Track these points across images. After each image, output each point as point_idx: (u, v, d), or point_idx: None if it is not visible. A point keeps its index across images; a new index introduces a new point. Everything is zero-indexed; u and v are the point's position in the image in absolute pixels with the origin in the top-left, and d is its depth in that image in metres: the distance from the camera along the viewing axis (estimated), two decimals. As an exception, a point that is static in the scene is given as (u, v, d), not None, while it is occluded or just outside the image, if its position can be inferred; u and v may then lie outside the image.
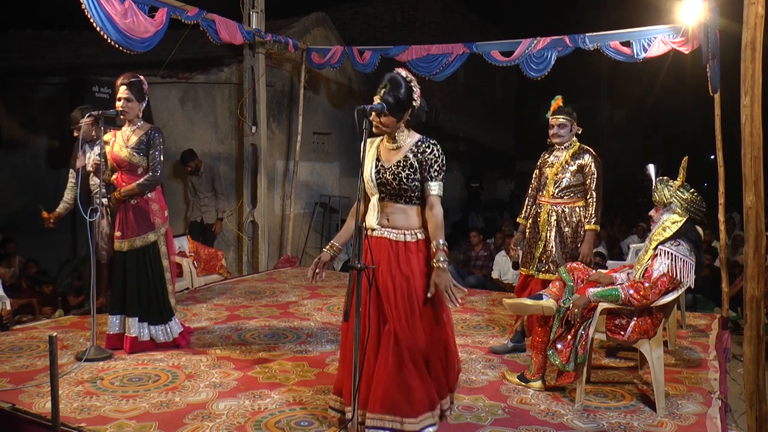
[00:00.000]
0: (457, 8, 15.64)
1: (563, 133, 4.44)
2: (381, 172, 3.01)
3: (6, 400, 3.44)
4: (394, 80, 2.94)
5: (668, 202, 3.60)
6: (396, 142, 3.03)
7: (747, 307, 3.03)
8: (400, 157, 2.99)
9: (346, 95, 10.59)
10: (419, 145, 2.99)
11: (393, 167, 2.98)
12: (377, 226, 3.02)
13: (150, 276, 4.34)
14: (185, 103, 8.23)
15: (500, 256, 8.63)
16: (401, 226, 3.01)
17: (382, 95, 2.91)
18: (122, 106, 4.25)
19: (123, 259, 4.35)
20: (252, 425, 3.21)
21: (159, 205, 4.42)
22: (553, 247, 4.39)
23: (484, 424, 3.28)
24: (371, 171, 3.03)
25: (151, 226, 4.35)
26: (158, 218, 4.39)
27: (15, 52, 9.43)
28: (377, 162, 3.04)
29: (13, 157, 8.16)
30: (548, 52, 6.60)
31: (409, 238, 3.00)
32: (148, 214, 4.35)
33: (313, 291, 6.49)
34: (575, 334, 3.51)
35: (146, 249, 4.33)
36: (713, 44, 5.23)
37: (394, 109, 2.91)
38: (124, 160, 4.29)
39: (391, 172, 2.97)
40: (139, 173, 4.32)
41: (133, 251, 4.32)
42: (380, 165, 3.02)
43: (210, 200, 7.84)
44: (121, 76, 4.28)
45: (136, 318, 4.31)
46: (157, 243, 4.38)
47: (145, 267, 4.34)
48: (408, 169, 2.96)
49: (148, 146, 4.30)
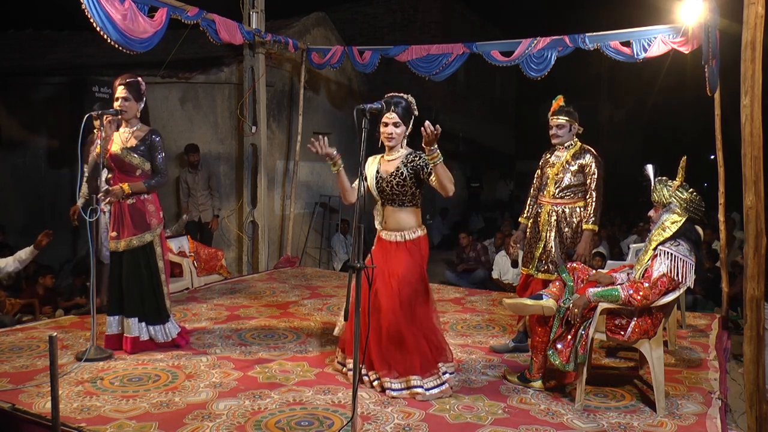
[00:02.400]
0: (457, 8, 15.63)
1: (561, 133, 4.43)
2: (380, 181, 3.66)
3: (6, 400, 3.44)
4: (394, 98, 3.58)
5: (668, 202, 3.60)
6: (393, 155, 3.66)
7: (747, 307, 3.03)
8: (394, 168, 3.61)
9: (346, 95, 10.59)
10: (408, 156, 3.62)
11: (389, 177, 3.61)
12: (378, 227, 3.75)
13: (147, 276, 4.34)
14: (185, 103, 8.23)
15: (500, 256, 8.65)
16: (394, 228, 3.66)
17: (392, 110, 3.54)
18: (120, 106, 4.26)
19: (119, 259, 4.34)
20: (252, 425, 3.21)
21: (155, 206, 4.42)
22: (552, 246, 4.39)
23: (484, 424, 3.28)
24: (373, 181, 3.67)
25: (147, 226, 4.35)
26: (154, 219, 4.39)
27: (15, 52, 9.44)
28: (377, 174, 3.67)
29: (13, 157, 8.16)
30: (548, 52, 6.59)
31: (398, 239, 3.65)
32: (144, 214, 4.35)
33: (313, 291, 6.49)
34: (575, 334, 3.51)
35: (142, 249, 4.33)
36: (713, 44, 5.23)
37: (403, 117, 3.58)
38: (122, 161, 4.29)
39: (386, 182, 3.62)
40: (137, 175, 4.32)
41: (129, 251, 4.31)
42: (379, 176, 3.67)
43: (206, 198, 7.88)
44: (119, 77, 4.29)
45: (136, 318, 4.31)
46: (153, 243, 4.38)
47: (142, 267, 4.33)
48: (399, 177, 3.58)
49: (149, 150, 4.31)
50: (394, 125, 3.58)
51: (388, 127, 3.58)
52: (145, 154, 4.30)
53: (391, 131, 3.59)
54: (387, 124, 3.58)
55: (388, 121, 3.57)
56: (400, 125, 3.58)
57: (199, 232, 7.79)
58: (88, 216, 4.20)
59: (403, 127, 3.60)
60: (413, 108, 3.63)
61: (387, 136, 3.59)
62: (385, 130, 3.59)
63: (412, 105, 3.63)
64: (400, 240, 3.63)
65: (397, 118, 3.56)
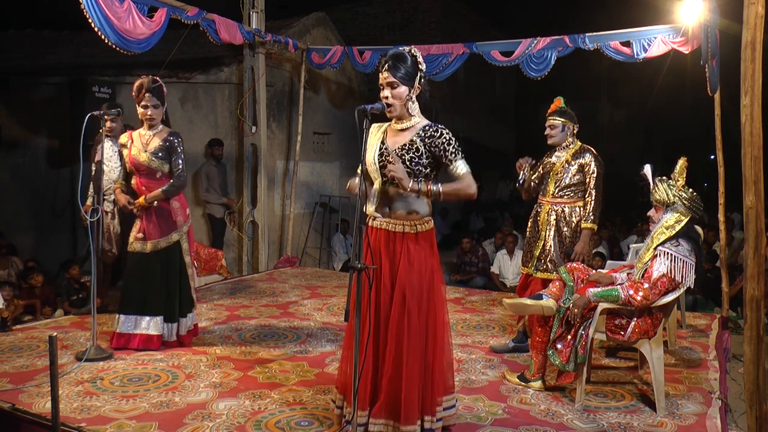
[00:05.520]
0: (457, 8, 15.62)
1: (554, 133, 4.46)
2: (384, 155, 2.90)
3: (6, 400, 3.44)
4: (396, 53, 2.89)
5: (671, 202, 3.59)
6: (404, 123, 2.93)
7: (747, 307, 3.03)
8: (406, 141, 2.89)
9: (346, 95, 10.58)
10: (427, 129, 2.88)
11: (398, 150, 2.88)
12: (377, 215, 2.93)
13: (175, 275, 4.38)
14: (185, 103, 8.23)
15: (501, 254, 8.68)
16: (401, 216, 2.90)
17: (387, 68, 2.85)
18: (151, 113, 4.28)
19: (146, 260, 4.34)
20: (252, 425, 3.21)
21: (180, 203, 4.45)
22: (551, 246, 4.39)
23: (484, 424, 3.28)
24: (374, 154, 2.92)
25: (174, 226, 4.38)
26: (180, 216, 4.41)
27: (15, 52, 9.43)
28: (382, 144, 2.94)
29: (13, 157, 8.16)
30: (548, 52, 6.59)
31: (408, 229, 2.89)
32: (170, 213, 4.38)
33: (313, 291, 6.49)
34: (575, 334, 3.51)
35: (170, 249, 4.36)
36: (713, 44, 5.23)
37: (404, 78, 2.84)
38: (143, 165, 4.31)
39: (394, 156, 2.86)
40: (158, 177, 4.34)
41: (156, 252, 4.33)
42: (384, 148, 2.92)
43: (223, 194, 8.05)
44: (141, 81, 4.26)
45: (161, 317, 4.34)
46: (180, 241, 4.42)
47: (170, 267, 4.36)
48: (413, 153, 2.85)
49: (168, 152, 4.32)
50: (390, 86, 2.85)
51: (384, 90, 2.87)
52: (164, 156, 4.32)
53: (387, 95, 2.86)
54: (382, 86, 2.88)
55: (382, 82, 2.88)
56: (398, 86, 2.85)
57: (212, 228, 7.97)
58: (89, 216, 4.20)
59: (403, 87, 2.86)
60: (419, 61, 2.91)
61: (386, 102, 2.87)
62: (382, 95, 2.88)
63: (416, 58, 2.91)
64: (409, 231, 2.90)
65: (392, 78, 2.83)
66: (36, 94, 8.25)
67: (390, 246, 2.91)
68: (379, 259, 2.91)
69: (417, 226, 2.91)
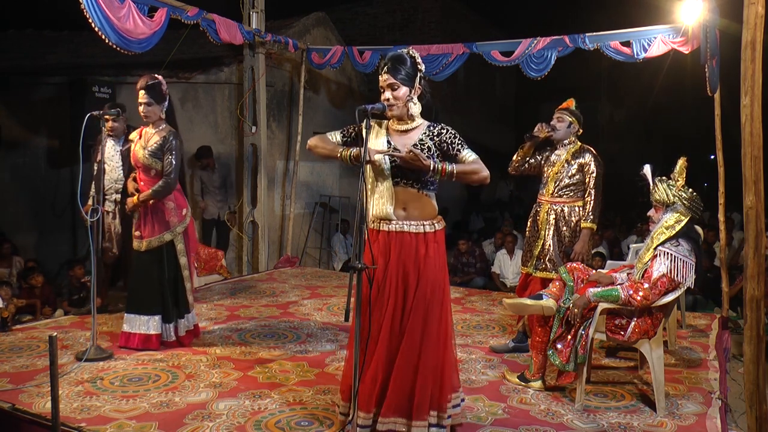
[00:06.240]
0: (457, 8, 15.62)
1: (561, 127, 4.46)
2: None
3: (6, 400, 3.44)
4: (396, 56, 2.95)
5: (671, 202, 3.59)
6: (407, 123, 2.99)
7: (747, 307, 3.03)
8: (416, 140, 2.94)
9: (346, 95, 10.58)
10: (432, 128, 2.99)
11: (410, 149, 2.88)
12: (393, 217, 2.92)
13: (167, 274, 4.38)
14: (185, 103, 8.22)
15: (501, 254, 8.69)
16: (418, 216, 2.93)
17: (387, 71, 2.91)
18: (143, 111, 4.31)
19: (141, 258, 4.39)
20: (252, 425, 3.21)
21: (175, 203, 4.43)
22: (550, 245, 4.39)
23: (484, 424, 3.28)
24: (384, 156, 2.92)
25: (166, 226, 4.38)
26: (174, 217, 4.41)
27: (15, 52, 9.43)
28: (389, 144, 2.96)
29: (13, 157, 8.16)
30: (548, 52, 6.59)
31: (428, 229, 2.94)
32: (163, 213, 4.38)
33: (313, 291, 6.49)
34: (575, 334, 3.51)
35: (162, 248, 4.37)
36: (713, 44, 5.23)
37: (405, 79, 2.91)
38: (140, 161, 4.36)
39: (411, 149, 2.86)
40: (152, 175, 4.35)
41: (150, 252, 4.36)
42: (393, 148, 2.93)
43: (222, 197, 8.07)
44: (140, 79, 4.30)
45: (159, 316, 4.36)
46: (173, 242, 4.41)
47: (164, 267, 4.37)
48: (426, 152, 2.91)
49: (163, 151, 4.33)
50: (391, 88, 2.92)
51: (385, 92, 2.94)
52: (159, 154, 4.33)
53: (388, 97, 2.93)
54: (383, 89, 2.95)
55: (383, 84, 2.95)
56: (398, 87, 2.91)
57: (216, 230, 7.99)
58: (89, 216, 4.21)
59: (404, 88, 2.93)
60: (418, 62, 3.00)
61: (387, 103, 2.94)
62: (383, 97, 2.95)
63: (415, 59, 3.00)
64: (425, 231, 2.93)
65: (392, 80, 2.90)
66: (36, 94, 8.25)
67: (411, 248, 2.91)
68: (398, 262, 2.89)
69: (435, 225, 2.98)
